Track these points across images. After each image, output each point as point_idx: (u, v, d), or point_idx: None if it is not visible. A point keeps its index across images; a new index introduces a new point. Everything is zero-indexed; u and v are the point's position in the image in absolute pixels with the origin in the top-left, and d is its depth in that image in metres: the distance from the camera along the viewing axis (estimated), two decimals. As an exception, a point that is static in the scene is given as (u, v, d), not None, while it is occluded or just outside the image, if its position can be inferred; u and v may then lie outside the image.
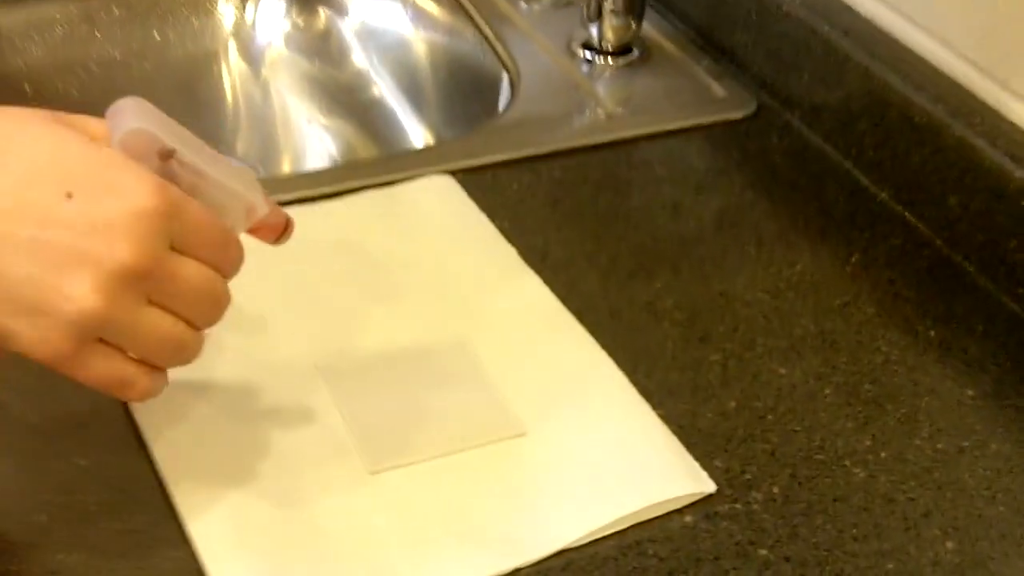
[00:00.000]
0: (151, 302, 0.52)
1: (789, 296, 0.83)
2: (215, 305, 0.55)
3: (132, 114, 0.53)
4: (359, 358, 0.74)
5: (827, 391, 0.76)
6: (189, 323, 0.54)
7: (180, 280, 0.52)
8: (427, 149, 1.09)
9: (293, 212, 0.61)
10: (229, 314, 0.57)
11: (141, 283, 0.50)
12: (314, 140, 1.22)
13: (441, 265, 0.82)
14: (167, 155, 0.52)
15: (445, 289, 0.80)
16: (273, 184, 0.86)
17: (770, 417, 0.74)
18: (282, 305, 0.76)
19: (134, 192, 0.50)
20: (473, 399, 0.71)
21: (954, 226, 0.88)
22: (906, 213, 0.92)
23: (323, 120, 1.22)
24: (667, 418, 0.72)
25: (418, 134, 1.16)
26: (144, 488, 0.63)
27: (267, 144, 1.22)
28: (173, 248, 0.52)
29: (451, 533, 0.63)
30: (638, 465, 0.68)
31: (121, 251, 0.49)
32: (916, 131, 0.90)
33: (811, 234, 0.90)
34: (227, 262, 0.54)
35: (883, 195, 0.94)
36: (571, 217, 0.88)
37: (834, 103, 0.97)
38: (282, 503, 0.63)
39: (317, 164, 1.20)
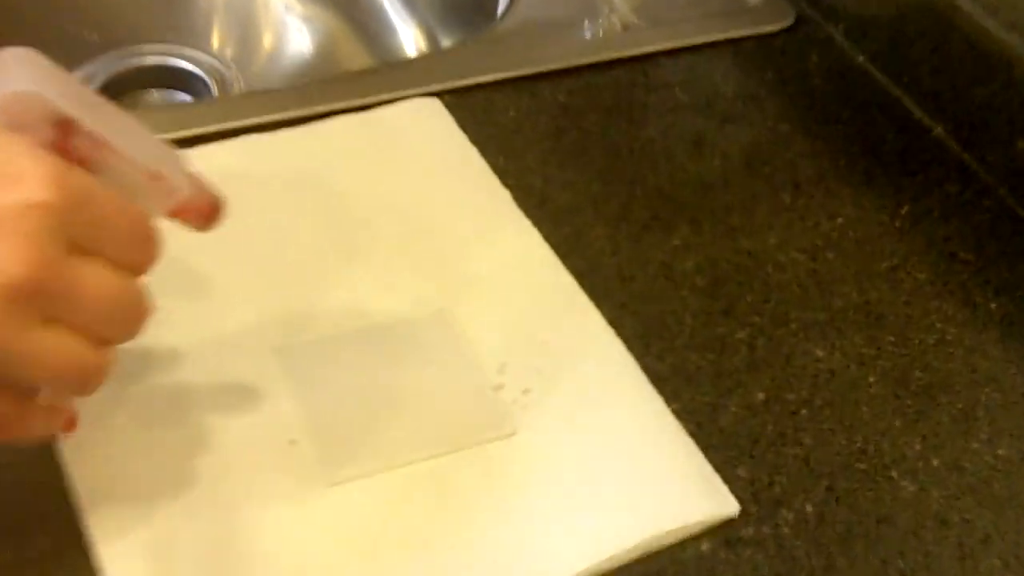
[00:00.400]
0: (47, 321, 0.40)
1: (828, 257, 0.71)
2: (131, 317, 0.43)
3: (17, 71, 0.41)
4: (320, 332, 0.62)
5: (871, 379, 0.65)
6: (98, 342, 0.42)
7: (84, 291, 0.41)
8: (408, 64, 0.95)
9: (246, 143, 0.49)
10: (164, 276, 0.45)
11: (32, 300, 0.38)
12: (294, 32, 1.07)
13: (421, 212, 0.69)
14: (64, 126, 0.40)
15: (424, 243, 0.68)
16: (223, 108, 0.73)
17: (804, 412, 0.62)
18: (229, 264, 0.64)
19: (21, 180, 0.37)
20: (455, 389, 0.60)
21: (1022, 174, 0.76)
22: (965, 155, 0.79)
23: (304, 10, 1.07)
24: (683, 414, 0.61)
25: (408, 35, 1.02)
26: (51, 505, 0.52)
27: (245, 35, 1.08)
28: (74, 248, 0.39)
29: (424, 565, 0.53)
30: (649, 481, 0.57)
31: (6, 261, 0.37)
32: (983, 60, 0.76)
33: (854, 178, 0.77)
34: (143, 259, 0.42)
35: (938, 131, 0.81)
36: (576, 152, 0.75)
37: (886, 18, 0.84)
38: (218, 524, 0.52)
39: (295, 61, 1.06)
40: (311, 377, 0.59)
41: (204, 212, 0.47)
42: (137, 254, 0.42)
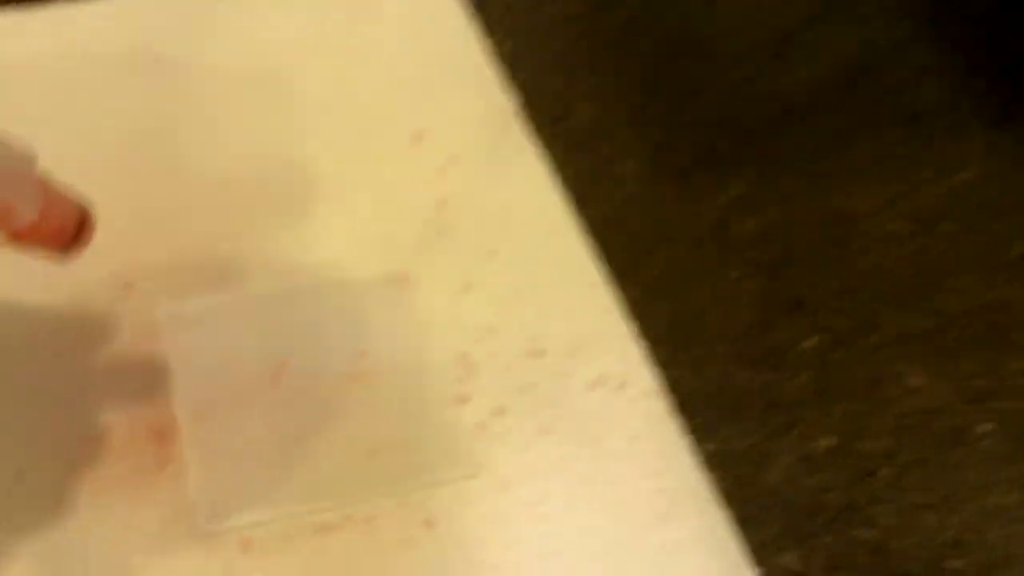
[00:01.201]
0: None
1: (945, 230, 0.52)
2: None
3: None
4: (223, 292, 0.44)
5: (983, 428, 0.46)
6: None
7: None
8: None
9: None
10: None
11: None
12: None
13: (386, 123, 0.50)
14: None
15: (385, 168, 0.49)
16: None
17: (884, 473, 0.45)
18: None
19: None
20: (399, 400, 0.43)
21: None
22: None
23: None
24: (718, 461, 0.43)
25: None
26: None
27: None
28: None
29: None
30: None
31: None
32: None
33: (994, 112, 0.56)
34: None
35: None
36: (612, 46, 0.55)
37: None
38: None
39: None
40: (199, 366, 0.42)
41: (62, 234, 0.36)
42: None
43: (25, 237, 0.35)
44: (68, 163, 0.36)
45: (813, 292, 0.49)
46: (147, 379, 0.42)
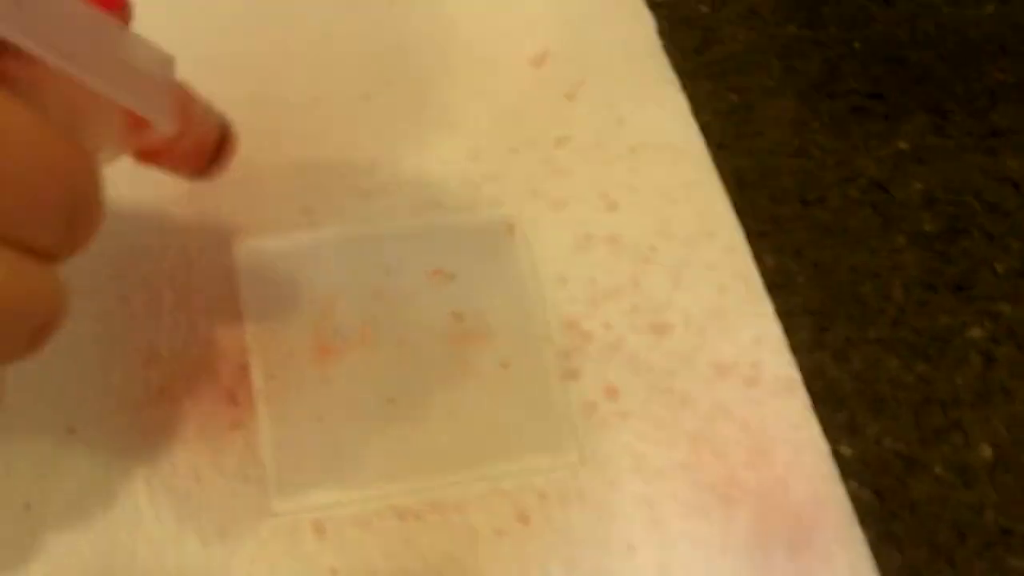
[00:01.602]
0: None
1: None
2: (21, 330, 0.23)
3: None
4: (302, 228, 0.39)
5: None
6: None
7: None
8: None
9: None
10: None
11: None
12: None
13: (505, 36, 0.44)
14: None
15: (502, 96, 0.43)
16: None
17: (1054, 493, 0.38)
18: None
19: None
20: (501, 374, 0.38)
21: None
22: None
23: None
24: (856, 468, 0.38)
25: None
26: None
27: None
28: None
29: None
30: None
31: None
32: None
33: None
34: (71, 237, 0.24)
35: None
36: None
37: None
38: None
39: None
40: (277, 315, 0.37)
41: (202, 151, 0.31)
42: (63, 233, 0.24)
43: (157, 156, 0.30)
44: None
45: (982, 272, 0.42)
46: (219, 327, 0.37)
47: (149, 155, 0.30)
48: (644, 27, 0.45)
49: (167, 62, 0.28)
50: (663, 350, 0.38)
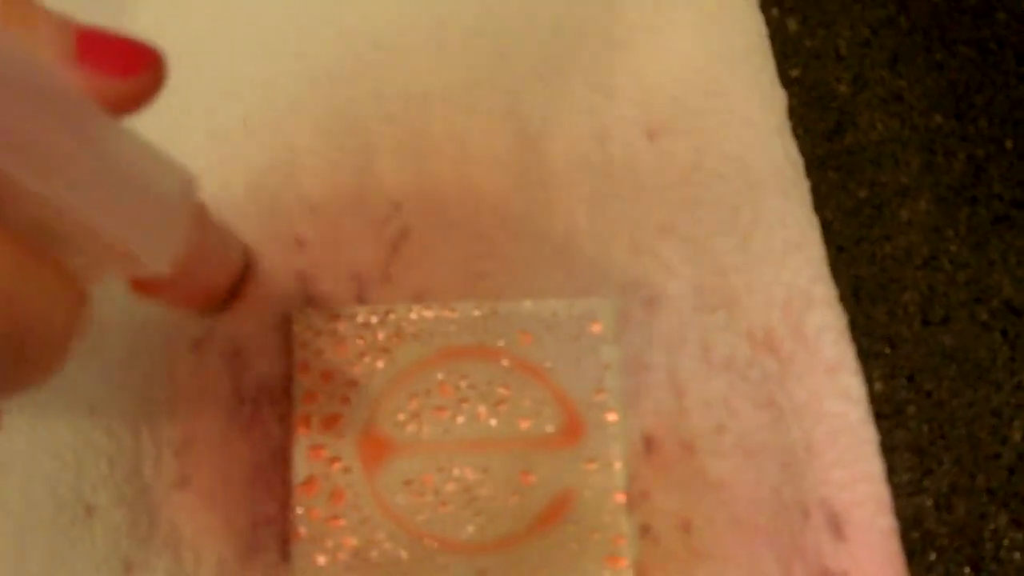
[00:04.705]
0: None
1: None
2: None
3: None
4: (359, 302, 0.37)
5: None
6: None
7: None
8: None
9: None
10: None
11: None
12: None
13: None
14: None
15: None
16: None
17: None
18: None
19: None
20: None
21: None
22: None
23: None
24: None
25: None
26: None
27: None
28: None
29: None
30: None
31: None
32: None
33: None
34: (15, 374, 0.20)
35: None
36: (921, 42, 0.43)
37: None
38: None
39: None
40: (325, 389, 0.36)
41: (209, 295, 0.25)
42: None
43: (155, 290, 0.24)
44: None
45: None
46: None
47: (145, 288, 0.25)
48: (774, 105, 0.41)
49: (185, 182, 0.23)
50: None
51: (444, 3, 0.42)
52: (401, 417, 0.36)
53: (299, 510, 0.34)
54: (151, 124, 0.23)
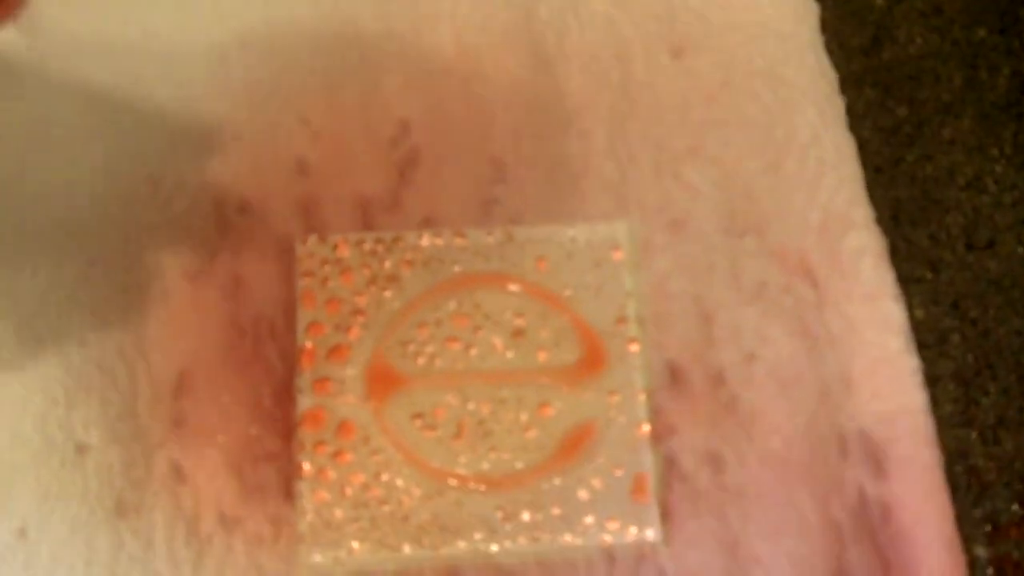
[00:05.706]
0: None
1: None
2: None
3: None
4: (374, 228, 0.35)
5: None
6: None
7: None
8: None
9: None
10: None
11: None
12: None
13: None
14: None
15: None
16: None
17: None
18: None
19: None
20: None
21: None
22: None
23: None
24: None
25: None
26: None
27: None
28: None
29: None
30: None
31: None
32: None
33: None
34: None
35: None
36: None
37: None
38: None
39: None
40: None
41: None
42: None
43: None
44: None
45: None
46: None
47: None
48: (806, 17, 0.39)
49: None
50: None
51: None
52: (411, 348, 0.33)
53: (304, 445, 0.32)
54: (146, 47, 0.21)
